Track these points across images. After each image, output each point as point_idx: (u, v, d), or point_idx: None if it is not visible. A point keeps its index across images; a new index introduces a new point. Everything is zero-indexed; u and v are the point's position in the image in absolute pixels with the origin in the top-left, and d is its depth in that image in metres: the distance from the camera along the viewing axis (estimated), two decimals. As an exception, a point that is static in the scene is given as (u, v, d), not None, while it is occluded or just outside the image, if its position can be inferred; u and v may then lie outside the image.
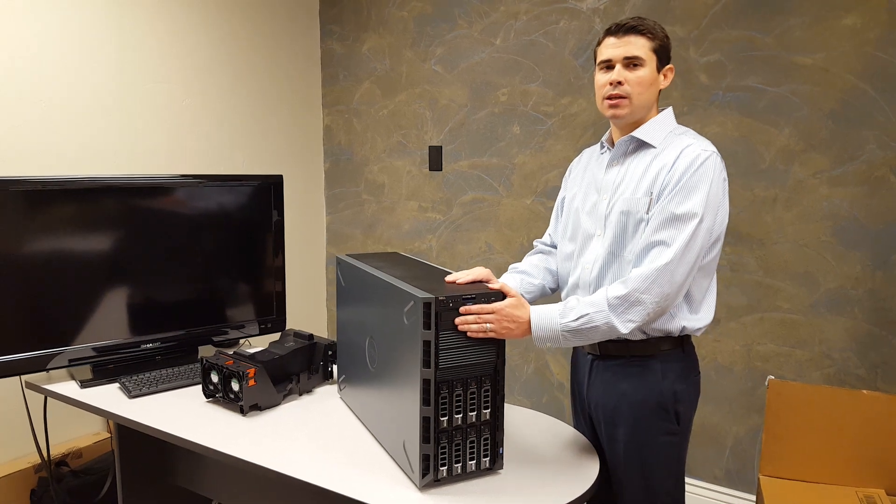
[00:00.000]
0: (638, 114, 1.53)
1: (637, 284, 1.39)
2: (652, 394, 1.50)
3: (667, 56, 1.53)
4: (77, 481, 2.33)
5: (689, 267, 1.41)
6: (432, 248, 3.26)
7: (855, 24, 2.20)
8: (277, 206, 2.27)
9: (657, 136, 1.52)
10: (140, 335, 2.06)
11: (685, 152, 1.45)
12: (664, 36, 1.53)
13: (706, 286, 1.52)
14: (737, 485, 2.53)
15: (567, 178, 1.78)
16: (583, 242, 1.60)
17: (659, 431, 1.51)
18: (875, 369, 2.26)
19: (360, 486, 1.36)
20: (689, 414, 1.55)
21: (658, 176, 1.46)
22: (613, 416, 1.54)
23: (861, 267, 2.26)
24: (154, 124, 2.77)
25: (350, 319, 1.69)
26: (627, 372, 1.53)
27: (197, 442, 1.57)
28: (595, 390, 1.60)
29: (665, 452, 1.52)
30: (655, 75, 1.51)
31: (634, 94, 1.50)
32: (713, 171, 1.42)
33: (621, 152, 1.57)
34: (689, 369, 1.55)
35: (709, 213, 1.42)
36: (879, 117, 2.19)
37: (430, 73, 3.16)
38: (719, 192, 1.44)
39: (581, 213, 1.63)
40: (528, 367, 3.01)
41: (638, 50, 1.49)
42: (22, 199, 1.84)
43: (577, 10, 2.72)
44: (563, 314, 1.41)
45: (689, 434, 1.58)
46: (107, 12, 2.57)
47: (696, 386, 1.57)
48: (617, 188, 1.54)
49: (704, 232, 1.42)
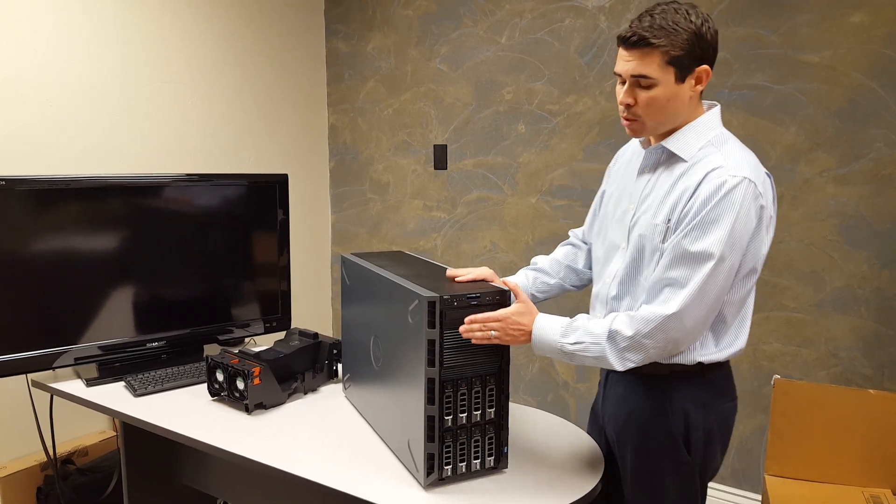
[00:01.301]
0: (664, 127, 1.36)
1: (641, 327, 1.27)
2: (660, 417, 1.38)
3: (696, 58, 1.29)
4: (83, 479, 2.34)
5: (706, 309, 1.27)
6: (437, 246, 3.26)
7: (862, 21, 2.19)
8: (282, 205, 2.27)
9: (690, 148, 1.34)
10: (146, 334, 2.07)
11: (710, 177, 1.26)
12: (690, 35, 1.27)
13: (736, 316, 1.37)
14: (742, 484, 2.52)
15: (611, 169, 1.61)
16: (609, 252, 1.48)
17: (666, 458, 1.39)
18: (882, 369, 2.25)
19: (364, 485, 1.36)
20: (704, 445, 1.38)
21: (679, 200, 1.30)
22: (622, 434, 1.45)
23: (868, 266, 2.25)
24: (160, 124, 2.78)
25: (355, 318, 1.69)
26: (638, 389, 1.42)
27: (202, 440, 1.57)
28: (608, 404, 1.51)
29: (671, 481, 1.40)
30: (674, 90, 1.30)
31: (646, 116, 1.33)
32: (741, 203, 1.23)
33: (652, 161, 1.42)
34: (711, 394, 1.39)
35: (732, 252, 1.25)
36: (886, 116, 2.18)
37: (435, 72, 3.15)
38: (749, 226, 1.26)
39: (612, 219, 1.49)
40: (533, 366, 3.01)
41: (646, 68, 1.28)
42: (28, 199, 1.84)
43: (582, 8, 2.72)
44: (565, 333, 1.33)
45: (713, 468, 1.44)
46: (113, 12, 2.57)
47: (719, 415, 1.40)
48: (643, 201, 1.40)
49: (726, 272, 1.26)
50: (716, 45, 1.32)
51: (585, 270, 1.68)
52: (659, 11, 1.29)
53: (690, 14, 1.28)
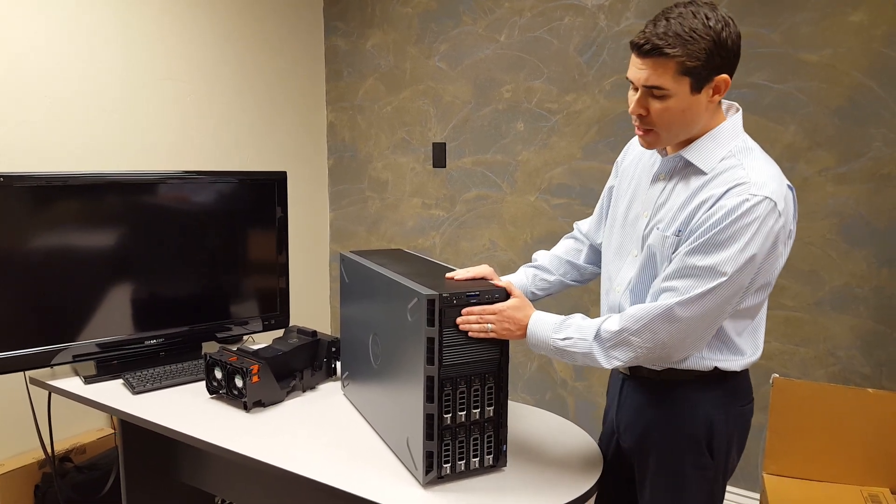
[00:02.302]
0: (680, 137, 1.29)
1: (629, 324, 1.25)
2: (683, 423, 1.35)
3: (714, 68, 1.21)
4: (81, 477, 2.34)
5: (701, 321, 1.23)
6: (436, 244, 3.25)
7: (862, 20, 2.19)
8: (281, 203, 2.27)
9: (710, 159, 1.27)
10: (144, 331, 2.07)
11: (731, 193, 1.20)
12: (707, 45, 1.18)
13: (748, 326, 1.34)
14: (741, 483, 2.52)
15: (619, 163, 1.54)
16: (620, 258, 1.44)
17: (689, 464, 1.36)
18: (880, 367, 2.25)
19: (363, 483, 1.36)
20: (726, 448, 1.37)
21: (696, 212, 1.25)
22: (642, 442, 1.41)
23: (866, 265, 2.25)
24: (159, 121, 2.77)
25: (353, 316, 1.69)
26: (658, 397, 1.38)
27: (200, 438, 1.57)
28: (625, 413, 1.46)
29: (695, 487, 1.37)
30: (689, 100, 1.23)
31: (661, 127, 1.27)
32: (759, 224, 1.18)
33: (668, 168, 1.35)
34: (731, 398, 1.36)
35: (742, 273, 1.20)
36: (886, 114, 2.18)
37: (435, 70, 3.15)
38: (765, 247, 1.20)
39: (624, 222, 1.44)
40: (531, 365, 3.01)
41: (659, 79, 1.21)
42: (26, 195, 1.84)
43: (581, 6, 2.71)
44: (557, 330, 1.31)
45: (731, 469, 1.42)
46: (113, 10, 2.57)
47: (739, 418, 1.38)
48: (658, 210, 1.34)
49: (733, 291, 1.21)
50: (738, 51, 1.24)
51: (587, 266, 1.66)
52: (675, 15, 1.20)
53: (710, 18, 1.19)
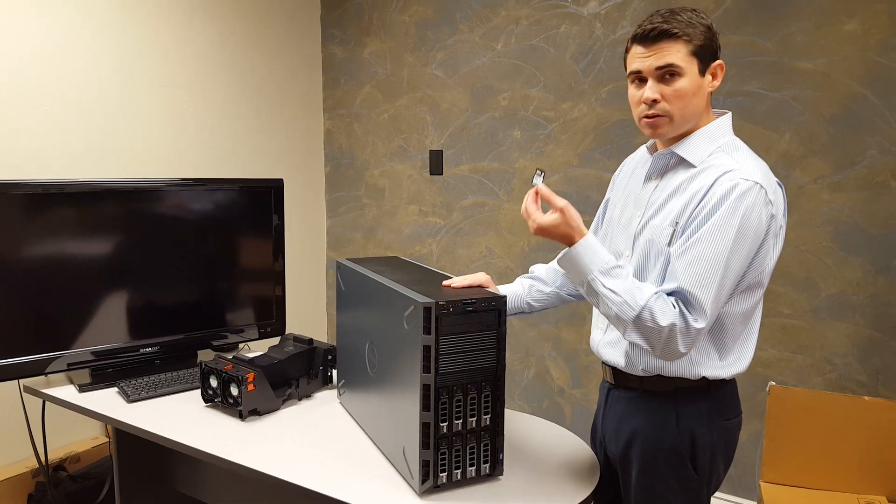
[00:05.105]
0: (683, 127, 1.33)
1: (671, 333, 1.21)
2: (666, 435, 1.35)
3: (712, 53, 1.30)
4: (75, 486, 2.32)
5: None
6: (433, 252, 3.25)
7: (856, 29, 2.20)
8: (278, 210, 2.26)
9: (700, 153, 1.32)
10: (139, 339, 2.06)
11: (722, 179, 1.24)
12: (705, 30, 1.28)
13: (741, 332, 1.34)
14: (738, 491, 2.52)
15: (616, 177, 1.58)
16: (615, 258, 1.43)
17: (672, 478, 1.35)
18: (876, 375, 2.26)
19: (359, 492, 1.35)
20: (710, 462, 1.36)
21: (688, 204, 1.28)
22: (626, 453, 1.41)
23: (862, 272, 2.25)
24: (156, 128, 2.77)
25: (350, 324, 1.68)
26: (641, 407, 1.39)
27: (195, 447, 1.56)
28: (609, 422, 1.47)
29: (678, 498, 1.36)
30: (699, 81, 1.29)
31: (675, 111, 1.29)
32: (751, 207, 1.22)
33: (660, 167, 1.39)
34: (716, 412, 1.36)
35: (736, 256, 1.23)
36: (880, 123, 2.19)
37: (432, 78, 3.16)
38: (759, 232, 1.25)
39: (617, 226, 1.47)
40: (528, 372, 3.00)
41: (672, 57, 1.26)
42: (22, 202, 1.83)
43: (578, 14, 2.72)
44: (606, 272, 1.24)
45: (717, 483, 1.41)
46: (110, 17, 2.57)
47: (725, 431, 1.37)
48: (649, 207, 1.37)
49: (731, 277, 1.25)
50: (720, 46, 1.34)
51: None
52: (667, 11, 1.30)
53: (696, 12, 1.30)
